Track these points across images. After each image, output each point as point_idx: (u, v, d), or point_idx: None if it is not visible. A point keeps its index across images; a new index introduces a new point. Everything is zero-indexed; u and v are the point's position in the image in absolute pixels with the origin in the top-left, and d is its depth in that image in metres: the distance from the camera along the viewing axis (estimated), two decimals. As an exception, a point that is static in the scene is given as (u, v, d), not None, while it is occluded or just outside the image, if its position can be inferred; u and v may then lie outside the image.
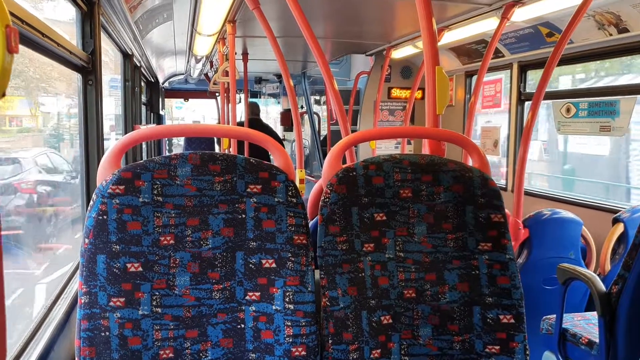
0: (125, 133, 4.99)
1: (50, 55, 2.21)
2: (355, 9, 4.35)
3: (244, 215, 1.66)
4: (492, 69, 5.19)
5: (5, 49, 0.83)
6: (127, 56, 4.97)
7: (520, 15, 3.89)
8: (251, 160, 1.69)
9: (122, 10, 3.37)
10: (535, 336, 2.98)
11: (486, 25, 4.30)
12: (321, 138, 8.72)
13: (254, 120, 7.47)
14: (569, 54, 4.07)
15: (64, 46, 2.22)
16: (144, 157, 7.40)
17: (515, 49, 4.77)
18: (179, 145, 14.17)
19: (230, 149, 4.80)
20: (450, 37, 4.86)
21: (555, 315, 2.85)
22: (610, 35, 3.66)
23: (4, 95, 0.85)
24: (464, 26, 4.51)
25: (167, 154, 1.78)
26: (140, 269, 1.58)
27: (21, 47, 1.35)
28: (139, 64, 5.86)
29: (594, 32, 3.76)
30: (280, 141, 7.68)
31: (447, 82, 2.08)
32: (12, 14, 1.55)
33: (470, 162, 1.97)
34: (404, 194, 1.79)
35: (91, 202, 1.58)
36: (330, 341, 1.66)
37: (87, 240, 1.55)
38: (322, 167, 1.86)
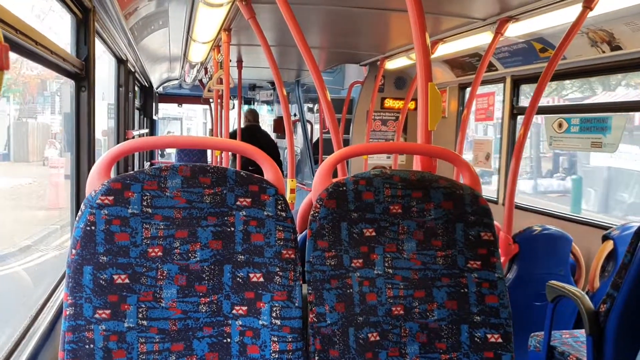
0: (118, 138, 4.98)
1: (44, 62, 2.20)
2: (350, 20, 4.36)
3: (232, 229, 1.66)
4: (486, 82, 5.21)
5: None
6: (121, 62, 4.96)
7: (514, 31, 3.91)
8: (242, 173, 1.68)
9: (117, 17, 3.37)
10: (523, 353, 2.98)
11: (480, 39, 4.32)
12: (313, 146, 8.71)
13: (253, 128, 7.36)
14: (562, 69, 4.08)
15: (57, 53, 2.21)
16: (136, 162, 7.37)
17: (508, 63, 4.79)
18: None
19: (222, 156, 4.79)
20: (444, 49, 4.87)
21: (543, 332, 2.84)
22: (603, 52, 3.69)
23: None
24: (458, 39, 4.53)
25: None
26: (127, 280, 1.57)
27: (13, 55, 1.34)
28: (133, 69, 5.85)
29: (587, 49, 3.78)
30: (277, 149, 7.60)
31: (440, 98, 2.07)
32: (5, 23, 1.54)
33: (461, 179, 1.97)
34: (394, 210, 1.78)
35: (79, 213, 1.56)
36: (316, 358, 1.65)
37: (74, 251, 1.54)
38: (313, 175, 1.85)
